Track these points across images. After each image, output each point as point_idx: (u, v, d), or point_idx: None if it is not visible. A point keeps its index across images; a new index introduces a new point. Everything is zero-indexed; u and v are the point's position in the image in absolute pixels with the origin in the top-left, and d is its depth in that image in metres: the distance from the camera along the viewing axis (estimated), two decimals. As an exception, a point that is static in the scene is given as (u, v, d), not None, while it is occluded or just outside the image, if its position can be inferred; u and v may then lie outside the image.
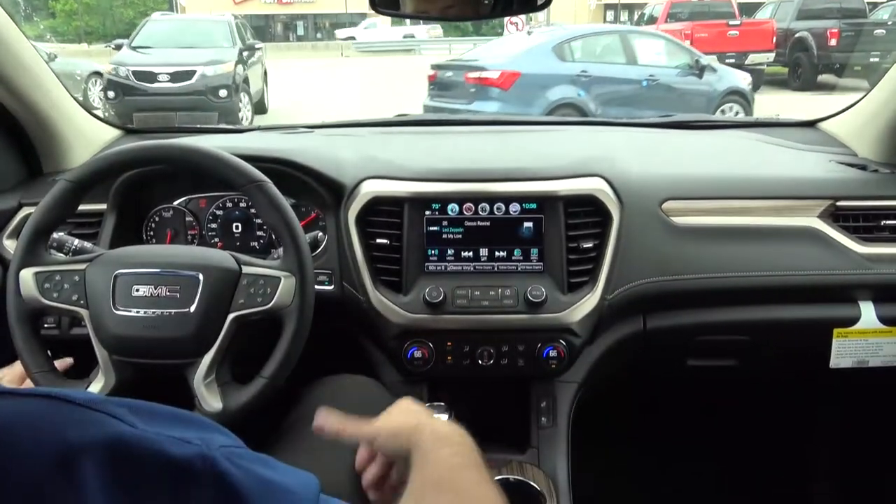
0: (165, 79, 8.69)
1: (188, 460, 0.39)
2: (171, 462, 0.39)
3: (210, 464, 0.40)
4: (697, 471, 2.01)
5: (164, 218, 1.48)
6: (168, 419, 0.43)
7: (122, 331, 1.06)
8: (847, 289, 1.41)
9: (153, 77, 8.66)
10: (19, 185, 1.53)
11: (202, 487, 0.39)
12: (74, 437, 0.37)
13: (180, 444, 0.40)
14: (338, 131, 1.85)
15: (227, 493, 0.40)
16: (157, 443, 0.39)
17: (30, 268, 1.09)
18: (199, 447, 0.40)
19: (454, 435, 0.85)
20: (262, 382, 1.08)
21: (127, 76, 8.50)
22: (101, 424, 0.39)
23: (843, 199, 1.42)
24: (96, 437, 0.38)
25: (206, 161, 1.12)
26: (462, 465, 0.78)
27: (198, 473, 0.39)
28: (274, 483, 0.43)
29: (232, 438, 0.45)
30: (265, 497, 0.41)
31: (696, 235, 1.40)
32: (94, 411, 0.39)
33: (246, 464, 0.42)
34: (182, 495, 0.38)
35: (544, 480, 1.28)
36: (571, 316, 1.31)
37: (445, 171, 1.37)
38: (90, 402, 0.40)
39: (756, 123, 1.91)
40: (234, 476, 0.40)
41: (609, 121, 1.99)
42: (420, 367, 1.33)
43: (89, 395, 0.41)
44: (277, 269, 1.10)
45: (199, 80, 8.74)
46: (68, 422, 0.38)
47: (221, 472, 0.40)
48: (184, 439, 0.40)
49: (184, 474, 0.39)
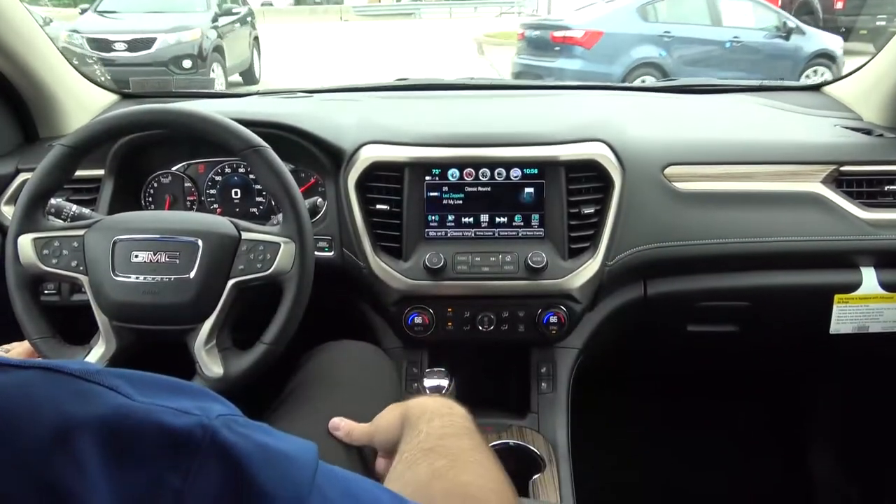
0: (122, 48, 7.90)
1: (188, 430, 0.39)
2: (171, 433, 0.39)
3: (210, 433, 0.40)
4: (696, 437, 2.03)
5: (163, 184, 1.47)
6: (165, 389, 0.43)
7: (122, 297, 1.06)
8: (849, 254, 1.41)
9: (109, 46, 7.86)
10: (16, 150, 1.52)
11: (203, 457, 0.39)
12: (72, 411, 0.37)
13: (179, 414, 0.40)
14: (337, 96, 1.83)
15: (228, 461, 0.40)
16: (156, 413, 0.39)
17: (28, 234, 1.09)
18: (198, 417, 0.40)
19: (443, 408, 0.86)
20: (263, 348, 1.08)
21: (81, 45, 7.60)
22: (99, 396, 0.38)
23: (847, 164, 1.41)
24: (94, 410, 0.37)
25: (203, 125, 1.11)
26: (454, 434, 0.78)
27: (198, 443, 0.39)
28: (274, 449, 0.43)
29: (229, 407, 0.45)
30: (266, 464, 0.41)
31: (698, 201, 1.39)
32: (91, 383, 0.39)
33: (245, 431, 0.42)
34: (183, 466, 0.38)
35: (544, 445, 1.29)
36: (572, 282, 1.31)
37: (446, 135, 1.36)
38: (87, 374, 0.39)
39: (760, 87, 1.89)
40: (234, 444, 0.40)
41: (612, 85, 1.97)
42: (420, 333, 1.34)
43: (86, 367, 0.40)
44: (277, 235, 1.09)
45: (159, 50, 7.96)
46: (65, 395, 0.37)
47: (221, 441, 0.40)
48: (182, 409, 0.40)
49: (184, 445, 0.39)
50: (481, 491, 0.66)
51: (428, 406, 0.86)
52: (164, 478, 0.37)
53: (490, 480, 0.68)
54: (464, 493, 0.65)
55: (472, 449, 0.75)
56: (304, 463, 0.45)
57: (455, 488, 0.65)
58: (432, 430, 0.79)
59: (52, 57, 1.54)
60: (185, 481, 0.38)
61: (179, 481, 0.38)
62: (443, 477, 0.67)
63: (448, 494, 0.64)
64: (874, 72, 1.62)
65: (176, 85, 1.76)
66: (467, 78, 1.94)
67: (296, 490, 0.42)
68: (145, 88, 1.77)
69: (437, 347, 1.42)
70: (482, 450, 0.76)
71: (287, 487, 0.42)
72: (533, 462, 1.26)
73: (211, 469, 0.39)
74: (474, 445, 0.76)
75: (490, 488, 0.67)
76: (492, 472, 0.71)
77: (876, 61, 1.61)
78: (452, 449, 0.74)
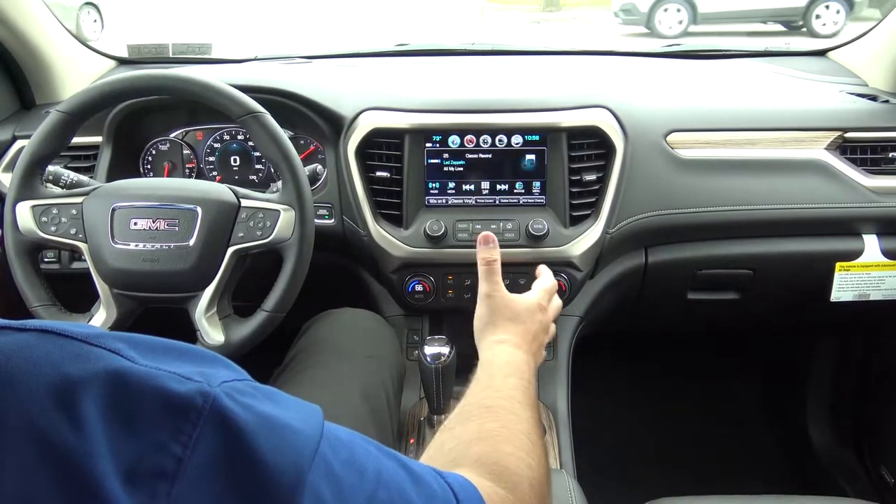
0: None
1: (189, 397, 0.39)
2: (171, 398, 0.38)
3: (211, 401, 0.39)
4: (695, 405, 2.04)
5: (161, 151, 1.46)
6: (168, 353, 0.42)
7: (122, 264, 1.06)
8: (852, 222, 1.40)
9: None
10: (12, 117, 1.51)
11: (202, 425, 0.38)
12: (73, 371, 0.36)
13: (180, 380, 0.39)
14: (336, 62, 1.80)
15: (228, 430, 0.39)
16: (157, 378, 0.38)
17: (26, 201, 1.08)
18: (199, 384, 0.40)
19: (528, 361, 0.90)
20: (264, 315, 1.08)
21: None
22: (100, 359, 0.38)
23: (851, 131, 1.40)
24: (95, 371, 0.37)
25: (201, 91, 1.09)
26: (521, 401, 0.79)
27: (198, 411, 0.39)
28: (276, 420, 0.43)
29: (235, 371, 0.45)
30: (266, 434, 0.41)
31: (700, 168, 1.38)
32: (92, 346, 0.38)
33: (248, 400, 0.42)
34: (182, 432, 0.38)
35: (544, 412, 1.29)
36: (573, 249, 1.30)
37: (446, 102, 1.34)
38: (88, 337, 0.39)
39: (765, 53, 1.86)
40: (234, 414, 0.40)
41: (614, 50, 1.94)
42: (421, 301, 1.34)
43: (87, 329, 0.39)
44: (276, 203, 1.09)
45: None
46: (66, 356, 0.37)
47: (222, 410, 0.39)
48: (185, 375, 0.40)
49: (184, 412, 0.38)
50: (519, 463, 0.65)
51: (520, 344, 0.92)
52: (165, 444, 0.37)
53: (530, 456, 0.68)
54: (497, 462, 0.64)
55: (528, 421, 0.75)
56: (307, 433, 0.44)
57: (492, 454, 0.65)
58: (503, 390, 0.79)
59: (48, 23, 1.52)
60: (185, 449, 0.37)
61: (180, 449, 0.37)
62: (486, 440, 0.67)
63: (484, 458, 0.64)
64: (880, 37, 1.60)
65: (174, 51, 1.73)
66: (468, 43, 1.92)
67: (296, 461, 0.42)
68: (142, 54, 1.75)
69: (438, 315, 1.42)
70: (535, 425, 0.75)
71: (287, 458, 0.41)
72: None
73: (210, 438, 0.38)
74: (530, 418, 0.76)
75: (527, 464, 0.66)
76: (535, 449, 0.70)
77: (882, 27, 1.59)
78: (512, 418, 0.73)
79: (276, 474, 0.40)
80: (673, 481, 1.84)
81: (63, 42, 1.58)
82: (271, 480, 0.40)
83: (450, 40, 1.94)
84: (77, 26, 9.43)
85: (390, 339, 1.25)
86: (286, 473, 0.41)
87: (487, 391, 0.79)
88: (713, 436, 2.01)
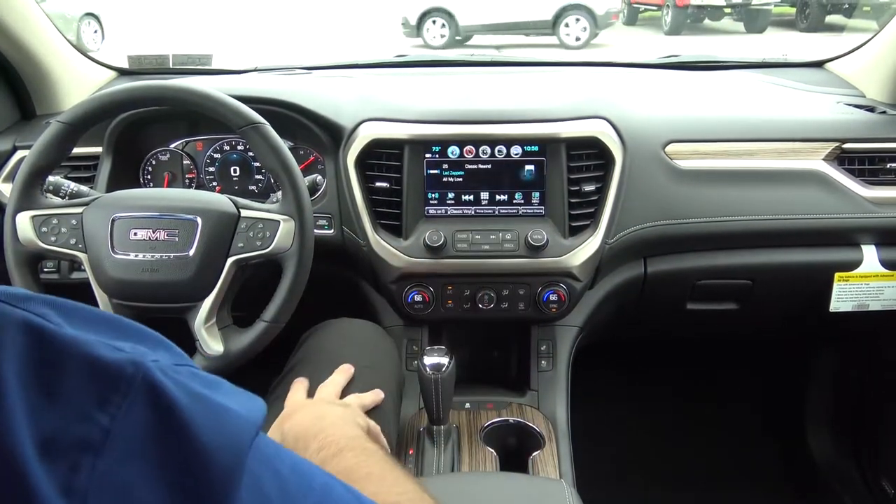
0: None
1: (118, 366, 0.36)
2: (99, 366, 0.35)
3: (143, 372, 0.36)
4: (694, 415, 2.04)
5: (161, 161, 1.46)
6: (104, 325, 0.39)
7: (122, 275, 1.06)
8: (850, 232, 1.40)
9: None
10: (13, 127, 1.51)
11: (131, 395, 0.35)
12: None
13: (111, 349, 0.36)
14: (336, 72, 1.81)
15: (159, 404, 0.36)
16: (84, 344, 0.35)
17: (26, 211, 1.09)
18: (130, 354, 0.37)
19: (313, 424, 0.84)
20: (264, 326, 1.08)
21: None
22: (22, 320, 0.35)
23: (849, 142, 1.40)
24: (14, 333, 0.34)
25: (202, 101, 1.10)
26: (333, 454, 0.76)
27: (128, 380, 0.36)
28: (212, 400, 0.40)
29: (177, 356, 0.42)
30: (201, 412, 0.38)
31: (699, 178, 1.38)
32: (15, 308, 0.35)
33: (184, 379, 0.39)
34: (110, 403, 0.35)
35: (544, 422, 1.29)
36: (572, 260, 1.31)
37: (446, 112, 1.35)
38: (11, 298, 0.35)
39: (763, 64, 1.87)
40: (167, 388, 0.37)
41: (613, 62, 1.95)
42: (420, 311, 1.34)
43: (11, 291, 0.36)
44: (276, 213, 1.09)
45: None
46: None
47: (154, 383, 0.36)
48: (115, 346, 0.37)
49: (113, 380, 0.35)
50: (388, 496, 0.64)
51: (299, 429, 0.84)
52: (90, 413, 0.34)
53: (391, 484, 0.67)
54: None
55: (359, 461, 0.73)
56: (246, 419, 0.41)
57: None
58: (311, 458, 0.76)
59: (49, 33, 1.52)
60: (112, 420, 0.35)
61: (107, 419, 0.35)
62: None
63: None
64: (877, 49, 1.61)
65: (174, 61, 1.74)
66: (468, 54, 1.93)
67: (234, 442, 0.39)
68: (143, 65, 1.75)
69: (437, 325, 1.42)
70: (370, 455, 0.74)
71: (223, 438, 0.39)
72: (533, 439, 1.26)
73: (140, 410, 0.36)
74: (360, 456, 0.74)
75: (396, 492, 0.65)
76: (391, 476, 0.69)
77: (879, 38, 1.60)
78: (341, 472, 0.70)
79: (210, 454, 0.37)
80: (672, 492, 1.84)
81: (64, 53, 1.59)
82: (206, 459, 0.37)
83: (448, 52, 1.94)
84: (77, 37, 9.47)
85: (389, 350, 1.25)
86: (222, 453, 0.38)
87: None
88: (712, 446, 2.00)
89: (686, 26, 11.95)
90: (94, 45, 9.70)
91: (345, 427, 0.84)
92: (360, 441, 0.79)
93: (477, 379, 1.42)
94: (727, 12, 12.16)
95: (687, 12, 11.85)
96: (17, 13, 1.41)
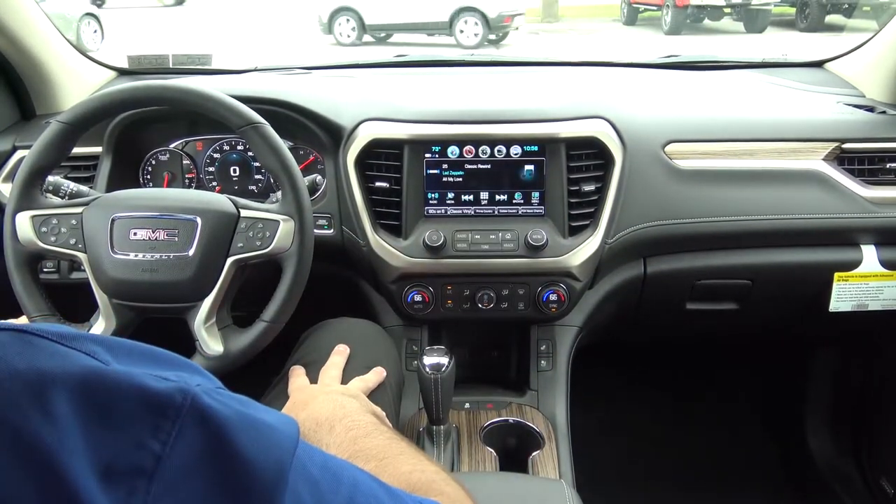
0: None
1: (168, 394, 0.38)
2: (150, 396, 0.38)
3: (190, 398, 0.39)
4: (694, 415, 2.04)
5: (161, 161, 1.46)
6: (146, 358, 0.42)
7: (121, 275, 1.06)
8: (850, 232, 1.40)
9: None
10: (13, 127, 1.51)
11: (182, 422, 0.38)
12: (46, 369, 0.36)
13: (158, 379, 0.39)
14: (336, 72, 1.81)
15: (209, 426, 0.39)
16: (134, 377, 0.38)
17: (26, 211, 1.08)
18: (177, 382, 0.39)
19: (337, 410, 0.86)
20: (263, 326, 1.08)
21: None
22: (74, 359, 0.37)
23: (849, 142, 1.40)
24: (68, 369, 0.36)
25: (202, 101, 1.10)
26: (364, 434, 0.78)
27: (178, 407, 0.38)
28: (256, 418, 0.42)
29: (212, 380, 0.44)
30: (248, 431, 0.40)
31: (698, 178, 1.39)
32: (66, 347, 0.38)
33: (226, 400, 0.41)
34: (161, 430, 0.37)
35: (543, 422, 1.29)
36: (572, 260, 1.31)
37: (445, 112, 1.35)
38: (62, 338, 0.38)
39: (762, 64, 1.87)
40: (215, 409, 0.39)
41: (612, 62, 1.95)
42: (420, 311, 1.34)
43: (62, 330, 0.39)
44: (276, 213, 1.09)
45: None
46: (38, 354, 0.36)
47: (202, 406, 0.39)
48: (161, 376, 0.39)
49: (163, 407, 0.38)
50: (424, 474, 0.66)
51: (320, 415, 0.86)
52: (144, 441, 0.37)
53: (426, 464, 0.69)
54: (409, 482, 0.64)
55: (391, 441, 0.75)
56: (285, 434, 0.44)
57: (399, 482, 0.65)
58: (339, 439, 0.78)
59: (49, 33, 1.52)
60: (164, 445, 0.37)
61: (159, 445, 0.37)
62: (381, 475, 0.67)
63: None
64: (877, 48, 1.61)
65: (174, 61, 1.74)
66: (467, 54, 1.93)
67: (277, 458, 0.42)
68: (142, 65, 1.75)
69: (437, 325, 1.42)
70: (398, 439, 0.76)
71: (268, 455, 0.41)
72: (532, 439, 1.26)
73: (191, 434, 0.38)
74: (389, 438, 0.76)
75: (431, 470, 0.67)
76: (420, 456, 0.71)
77: (879, 38, 1.60)
78: (373, 449, 0.74)
79: (257, 471, 0.40)
80: (672, 492, 1.84)
81: (64, 53, 1.59)
82: (253, 477, 0.40)
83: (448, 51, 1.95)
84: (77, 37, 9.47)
85: (389, 350, 1.25)
86: (268, 471, 0.40)
87: (330, 452, 0.78)
88: (712, 445, 2.00)
89: (686, 26, 11.98)
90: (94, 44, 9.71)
91: (366, 415, 0.86)
92: (383, 427, 0.82)
93: (477, 379, 1.42)
94: (727, 12, 12.18)
95: (686, 12, 11.88)
96: (17, 13, 1.41)
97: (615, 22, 13.92)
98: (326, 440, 0.80)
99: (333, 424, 0.82)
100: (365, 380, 1.08)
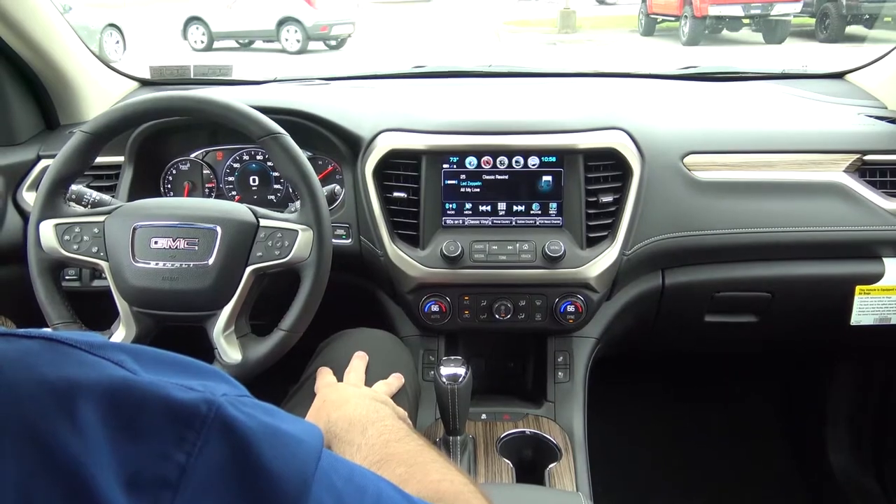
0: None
1: (193, 405, 0.39)
2: (175, 406, 0.38)
3: (215, 409, 0.39)
4: (713, 428, 2.02)
5: (182, 171, 1.48)
6: (172, 367, 0.42)
7: (142, 283, 1.07)
8: (872, 245, 1.39)
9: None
10: (37, 137, 1.53)
11: (206, 434, 0.38)
12: (74, 378, 0.36)
13: (184, 389, 0.39)
14: (354, 83, 1.82)
15: (233, 437, 0.39)
16: (160, 387, 0.38)
17: (49, 220, 1.10)
18: (202, 393, 0.40)
19: (371, 413, 0.86)
20: (281, 335, 1.09)
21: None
22: (102, 368, 0.38)
23: (870, 154, 1.39)
24: (97, 379, 0.37)
25: (222, 112, 1.11)
26: (396, 439, 0.78)
27: (203, 418, 0.38)
28: (280, 429, 0.42)
29: (237, 388, 0.45)
30: (272, 442, 0.41)
31: (717, 190, 1.38)
32: (94, 356, 0.38)
33: (251, 410, 0.42)
34: (186, 441, 0.38)
35: (560, 434, 1.29)
36: (590, 271, 1.30)
37: (463, 123, 1.35)
38: (90, 347, 0.39)
39: (782, 75, 1.86)
40: (239, 421, 0.40)
41: (630, 72, 1.95)
42: (437, 321, 1.34)
43: (90, 339, 0.39)
44: (295, 222, 1.10)
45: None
46: (67, 363, 0.37)
47: (227, 417, 0.39)
48: (187, 386, 0.40)
49: (188, 418, 0.38)
50: (452, 485, 0.66)
51: (354, 416, 0.85)
52: (168, 452, 0.37)
53: (455, 474, 0.68)
54: (437, 491, 0.64)
55: (422, 449, 0.75)
56: (309, 445, 0.44)
57: (426, 490, 0.64)
58: (372, 441, 0.78)
59: (73, 44, 1.55)
60: (189, 456, 0.37)
61: (184, 456, 0.37)
62: (410, 482, 0.66)
63: (421, 497, 0.64)
64: (899, 60, 1.60)
65: (195, 72, 1.76)
66: (485, 65, 1.93)
67: (301, 470, 0.42)
68: (164, 76, 1.77)
69: (454, 336, 1.42)
70: (429, 447, 0.76)
71: (292, 467, 0.41)
72: (549, 451, 1.26)
73: (215, 445, 0.38)
74: (421, 445, 0.76)
75: (460, 481, 0.67)
76: (451, 466, 0.71)
77: (901, 49, 1.58)
78: (404, 454, 0.73)
79: (281, 483, 0.40)
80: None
81: (87, 63, 1.61)
82: (276, 489, 0.40)
83: (466, 62, 1.95)
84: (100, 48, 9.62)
85: (406, 360, 1.25)
86: (291, 482, 0.41)
87: (361, 453, 0.78)
88: (731, 459, 1.98)
89: (704, 37, 11.95)
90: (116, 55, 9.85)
91: (398, 421, 0.86)
92: (415, 434, 0.82)
93: (493, 390, 1.41)
94: (746, 23, 12.13)
95: (705, 23, 11.85)
96: (43, 25, 1.44)
97: (633, 33, 13.92)
98: (358, 441, 0.80)
99: (366, 426, 0.82)
100: (388, 384, 1.08)
